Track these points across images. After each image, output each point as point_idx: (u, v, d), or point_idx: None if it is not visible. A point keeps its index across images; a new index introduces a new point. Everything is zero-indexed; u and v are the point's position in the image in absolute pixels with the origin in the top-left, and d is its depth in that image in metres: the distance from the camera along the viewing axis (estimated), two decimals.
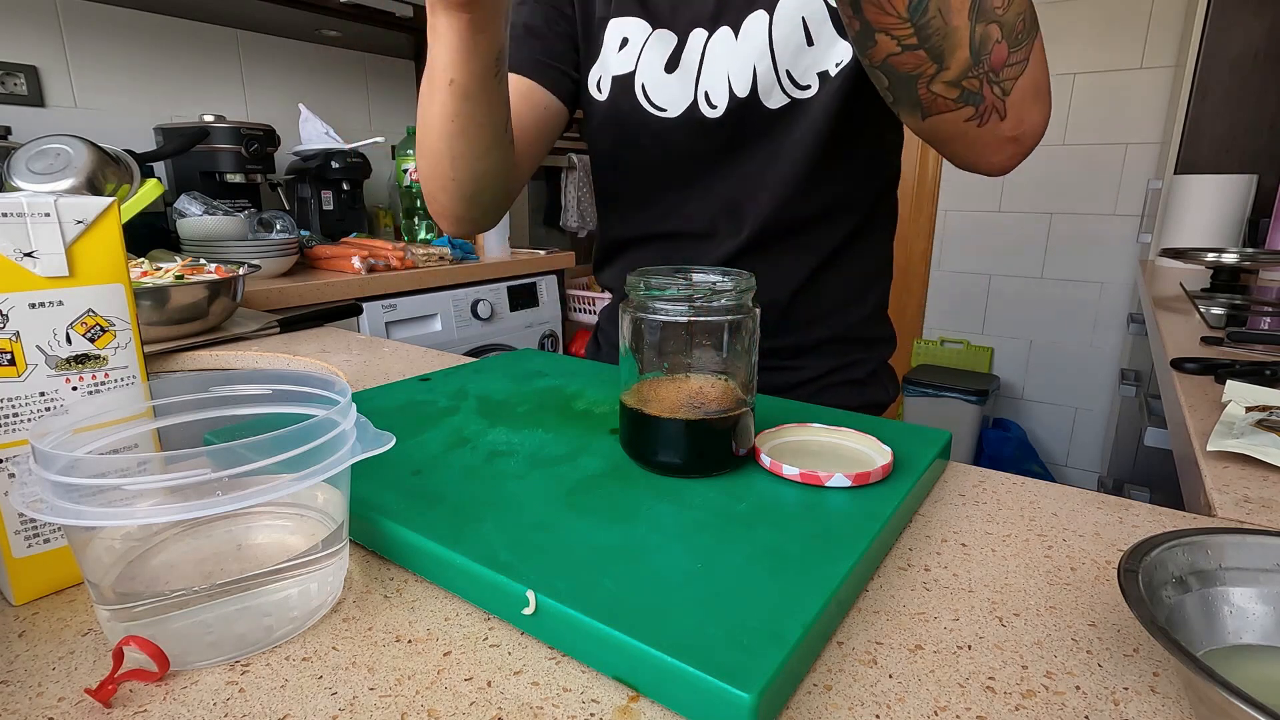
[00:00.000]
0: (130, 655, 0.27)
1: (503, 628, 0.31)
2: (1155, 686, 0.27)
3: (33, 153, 0.81)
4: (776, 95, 0.62)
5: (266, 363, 0.81)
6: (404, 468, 0.41)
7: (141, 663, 0.27)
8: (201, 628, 0.28)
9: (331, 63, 2.02)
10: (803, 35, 0.59)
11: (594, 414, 0.51)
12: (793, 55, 0.60)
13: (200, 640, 0.28)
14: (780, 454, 0.42)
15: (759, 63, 0.61)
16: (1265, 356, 0.76)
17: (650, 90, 0.67)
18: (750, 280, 0.40)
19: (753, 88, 0.62)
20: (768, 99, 0.62)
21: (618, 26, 0.67)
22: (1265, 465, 0.47)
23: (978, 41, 0.43)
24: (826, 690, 0.27)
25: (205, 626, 0.28)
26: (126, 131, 1.61)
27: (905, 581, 0.34)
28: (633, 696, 0.27)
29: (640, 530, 0.34)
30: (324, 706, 0.26)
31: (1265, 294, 1.20)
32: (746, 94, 0.63)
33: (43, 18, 1.49)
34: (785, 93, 0.62)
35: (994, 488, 0.45)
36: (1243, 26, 1.75)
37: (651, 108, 0.67)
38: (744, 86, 0.62)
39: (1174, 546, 0.28)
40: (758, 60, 0.61)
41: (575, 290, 2.27)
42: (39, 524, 0.32)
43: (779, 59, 0.60)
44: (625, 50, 0.67)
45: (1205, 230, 1.69)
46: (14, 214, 0.30)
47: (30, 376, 0.31)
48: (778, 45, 0.60)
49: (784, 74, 0.61)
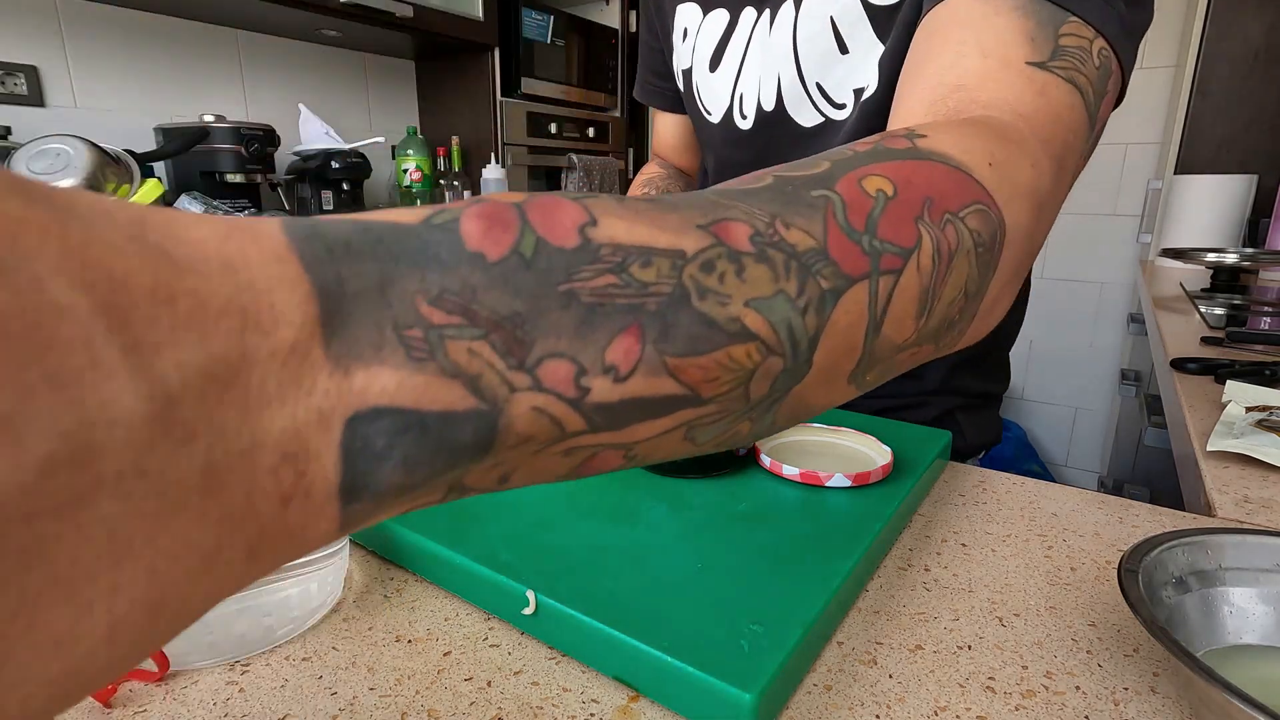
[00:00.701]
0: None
1: (503, 628, 0.31)
2: (1155, 686, 0.27)
3: (33, 153, 0.81)
4: (808, 111, 0.52)
5: None
6: None
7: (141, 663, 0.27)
8: (202, 628, 0.28)
9: (331, 63, 2.02)
10: (832, 39, 0.49)
11: None
12: (820, 63, 0.50)
13: (200, 640, 0.28)
14: (780, 454, 0.42)
15: (783, 71, 0.52)
16: (1265, 356, 0.76)
17: (701, 90, 0.61)
18: None
19: (778, 100, 0.53)
20: (798, 114, 0.53)
21: (681, 15, 0.61)
22: (1265, 465, 0.47)
23: (869, 383, 0.23)
24: (826, 690, 0.27)
25: (205, 627, 0.28)
26: (126, 131, 1.61)
27: (905, 581, 0.34)
28: (633, 696, 0.27)
29: (640, 530, 0.34)
30: (324, 706, 0.26)
31: (1265, 294, 1.20)
32: (773, 107, 0.54)
33: (43, 18, 1.49)
34: (817, 108, 0.52)
35: (994, 488, 0.45)
36: (1243, 26, 1.75)
37: (704, 109, 0.61)
38: (770, 98, 0.54)
39: (1174, 546, 0.28)
40: (781, 67, 0.52)
41: None
42: None
43: (805, 68, 0.51)
44: (686, 42, 0.61)
45: (1205, 230, 1.69)
46: None
47: None
48: (803, 50, 0.50)
49: (813, 86, 0.51)
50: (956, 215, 0.23)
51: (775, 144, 0.56)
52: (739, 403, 0.18)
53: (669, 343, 0.15)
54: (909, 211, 0.22)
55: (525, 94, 2.13)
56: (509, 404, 0.13)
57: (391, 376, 0.12)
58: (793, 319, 0.18)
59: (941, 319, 0.24)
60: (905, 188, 0.22)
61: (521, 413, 0.14)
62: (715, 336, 0.16)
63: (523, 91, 2.12)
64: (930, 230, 0.22)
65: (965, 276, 0.24)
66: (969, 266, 0.24)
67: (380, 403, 0.12)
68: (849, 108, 0.50)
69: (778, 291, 0.17)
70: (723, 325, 0.16)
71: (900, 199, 0.22)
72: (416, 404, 0.12)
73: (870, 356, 0.21)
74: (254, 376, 0.10)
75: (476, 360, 0.13)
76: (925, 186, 0.23)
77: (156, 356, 0.09)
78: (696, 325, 0.16)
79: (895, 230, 0.21)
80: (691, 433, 0.17)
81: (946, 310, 0.24)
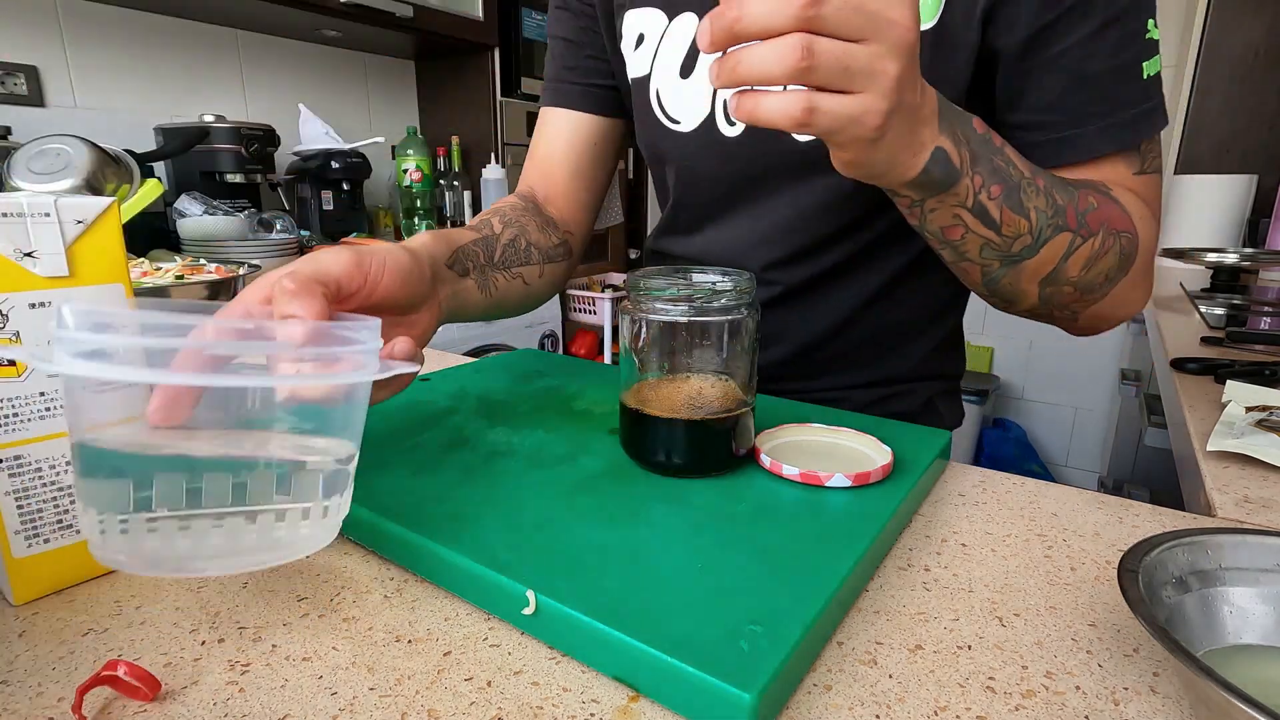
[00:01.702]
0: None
1: (503, 628, 0.31)
2: (1155, 686, 0.27)
3: (33, 153, 0.81)
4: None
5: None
6: (404, 468, 0.41)
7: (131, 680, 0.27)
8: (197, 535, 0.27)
9: (331, 63, 2.03)
10: None
11: (594, 414, 0.51)
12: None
13: (192, 548, 0.27)
14: (780, 454, 0.42)
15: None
16: (1265, 356, 0.76)
17: (665, 99, 0.59)
18: (750, 280, 0.40)
19: None
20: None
21: (634, 19, 0.60)
22: (1265, 465, 0.47)
23: (1045, 296, 0.47)
24: (826, 690, 0.27)
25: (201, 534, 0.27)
26: (126, 131, 1.61)
27: (905, 581, 0.34)
28: (633, 696, 0.27)
29: (640, 530, 0.34)
30: (324, 706, 0.26)
31: (1265, 294, 1.20)
32: None
33: (43, 18, 1.49)
34: None
35: (994, 488, 0.45)
36: (1243, 26, 1.75)
37: (667, 119, 0.60)
38: None
39: (1174, 546, 0.28)
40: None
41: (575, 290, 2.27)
42: (39, 524, 0.32)
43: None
44: (641, 49, 0.60)
45: (1205, 230, 1.69)
46: (14, 214, 0.30)
47: (30, 376, 0.31)
48: None
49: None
50: (1118, 232, 0.46)
51: (769, 153, 0.55)
52: (1003, 260, 0.44)
53: (1009, 205, 0.42)
54: (1100, 218, 0.45)
55: (525, 94, 2.13)
56: (969, 177, 0.40)
57: (948, 141, 0.38)
58: (1044, 225, 0.43)
59: (1091, 280, 0.47)
60: (1101, 207, 0.46)
61: (970, 183, 0.40)
62: (1016, 216, 0.42)
63: (523, 91, 2.12)
64: (1105, 231, 0.45)
65: (1111, 264, 0.47)
66: (1115, 258, 0.47)
67: (940, 144, 0.38)
68: None
69: (1046, 212, 0.43)
70: (1028, 212, 0.42)
71: (1098, 211, 0.45)
72: (950, 149, 0.38)
73: (1055, 272, 0.45)
74: (928, 109, 0.37)
75: (974, 154, 0.40)
76: (1108, 212, 0.46)
77: (924, 95, 0.36)
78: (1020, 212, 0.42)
79: (1092, 222, 0.45)
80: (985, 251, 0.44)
81: (1095, 277, 0.47)
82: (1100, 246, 0.45)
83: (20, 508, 0.31)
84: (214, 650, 0.29)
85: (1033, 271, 0.45)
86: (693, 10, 0.56)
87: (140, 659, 0.28)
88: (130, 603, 0.32)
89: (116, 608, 0.32)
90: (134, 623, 0.31)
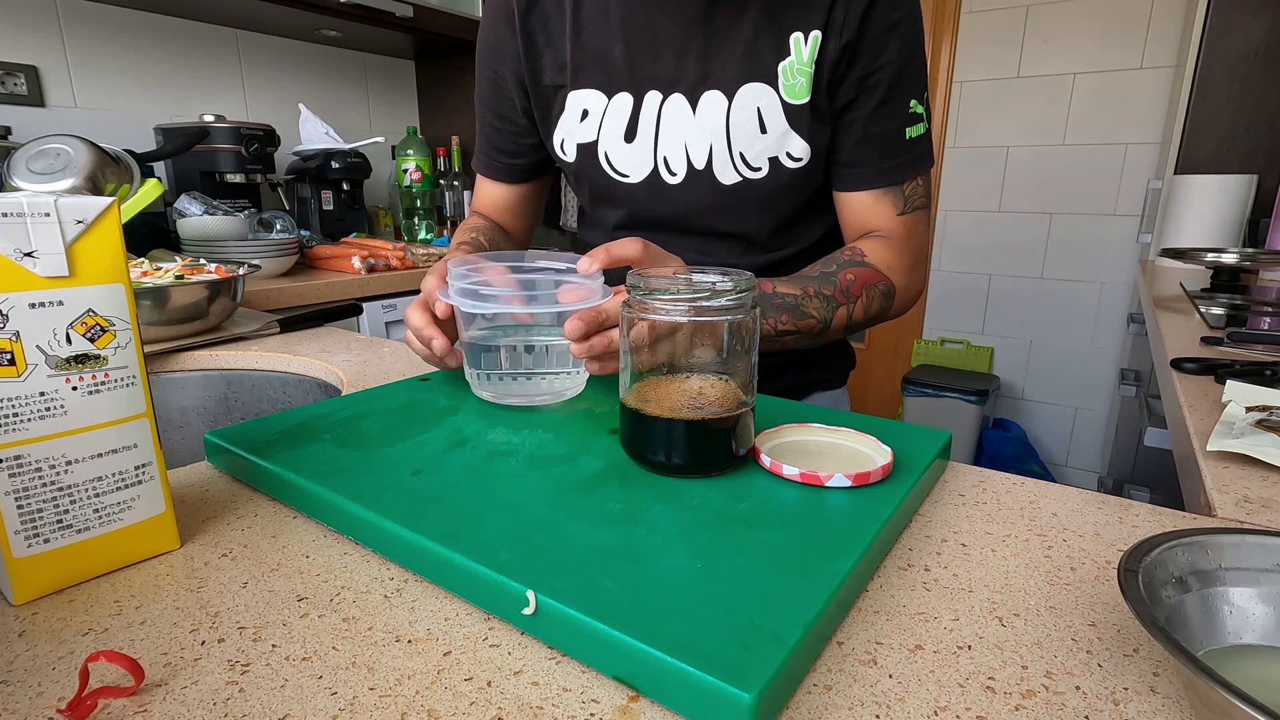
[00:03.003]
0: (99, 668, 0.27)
1: (503, 628, 0.31)
2: (1155, 686, 0.27)
3: (33, 153, 0.81)
4: (730, 173, 0.70)
5: (267, 363, 0.81)
6: (404, 468, 0.41)
7: (118, 674, 0.27)
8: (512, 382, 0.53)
9: (331, 63, 2.03)
10: (757, 124, 0.67)
11: (594, 414, 0.51)
12: (747, 140, 0.68)
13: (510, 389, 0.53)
14: (780, 454, 0.42)
15: (715, 142, 0.69)
16: (1265, 356, 0.76)
17: (614, 159, 0.73)
18: (751, 281, 0.40)
19: (708, 162, 0.70)
20: (722, 175, 0.70)
21: (578, 99, 0.72)
22: (1265, 465, 0.47)
23: (852, 332, 0.72)
24: (826, 690, 0.27)
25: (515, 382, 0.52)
26: (126, 131, 1.61)
27: (905, 581, 0.34)
28: (633, 696, 0.27)
29: (640, 530, 0.34)
30: (324, 706, 0.26)
31: (1265, 294, 1.20)
32: (703, 166, 0.70)
33: (43, 18, 1.49)
34: (738, 171, 0.70)
35: (994, 488, 0.45)
36: (1243, 26, 1.75)
37: (614, 173, 0.74)
38: (700, 159, 0.70)
39: (1174, 546, 0.28)
40: (714, 140, 0.69)
41: None
42: (39, 524, 0.32)
43: (734, 141, 0.68)
44: (587, 121, 0.73)
45: (1205, 230, 1.69)
46: (14, 214, 0.30)
47: (30, 376, 0.31)
48: (734, 130, 0.68)
49: (738, 155, 0.69)
50: (875, 284, 0.68)
51: (701, 197, 0.72)
52: (815, 338, 0.65)
53: (798, 319, 0.63)
54: (860, 284, 0.67)
55: None
56: (765, 322, 0.59)
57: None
58: (824, 314, 0.64)
59: (873, 315, 0.69)
60: (858, 276, 0.67)
61: (768, 326, 0.61)
62: (805, 320, 0.63)
63: None
64: (866, 291, 0.67)
65: (880, 304, 0.69)
66: (880, 299, 0.69)
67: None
68: (764, 171, 0.70)
69: (822, 307, 0.64)
70: (811, 315, 0.64)
71: (856, 280, 0.67)
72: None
73: (848, 325, 0.67)
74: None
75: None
76: (864, 276, 0.67)
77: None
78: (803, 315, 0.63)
79: (854, 290, 0.66)
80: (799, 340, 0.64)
81: (875, 314, 0.69)
82: (868, 300, 0.67)
83: (20, 508, 0.31)
84: (214, 650, 0.29)
85: (835, 331, 0.66)
86: (626, 90, 0.70)
87: (140, 659, 0.28)
88: (130, 603, 0.32)
89: (116, 608, 0.32)
90: (134, 623, 0.31)
